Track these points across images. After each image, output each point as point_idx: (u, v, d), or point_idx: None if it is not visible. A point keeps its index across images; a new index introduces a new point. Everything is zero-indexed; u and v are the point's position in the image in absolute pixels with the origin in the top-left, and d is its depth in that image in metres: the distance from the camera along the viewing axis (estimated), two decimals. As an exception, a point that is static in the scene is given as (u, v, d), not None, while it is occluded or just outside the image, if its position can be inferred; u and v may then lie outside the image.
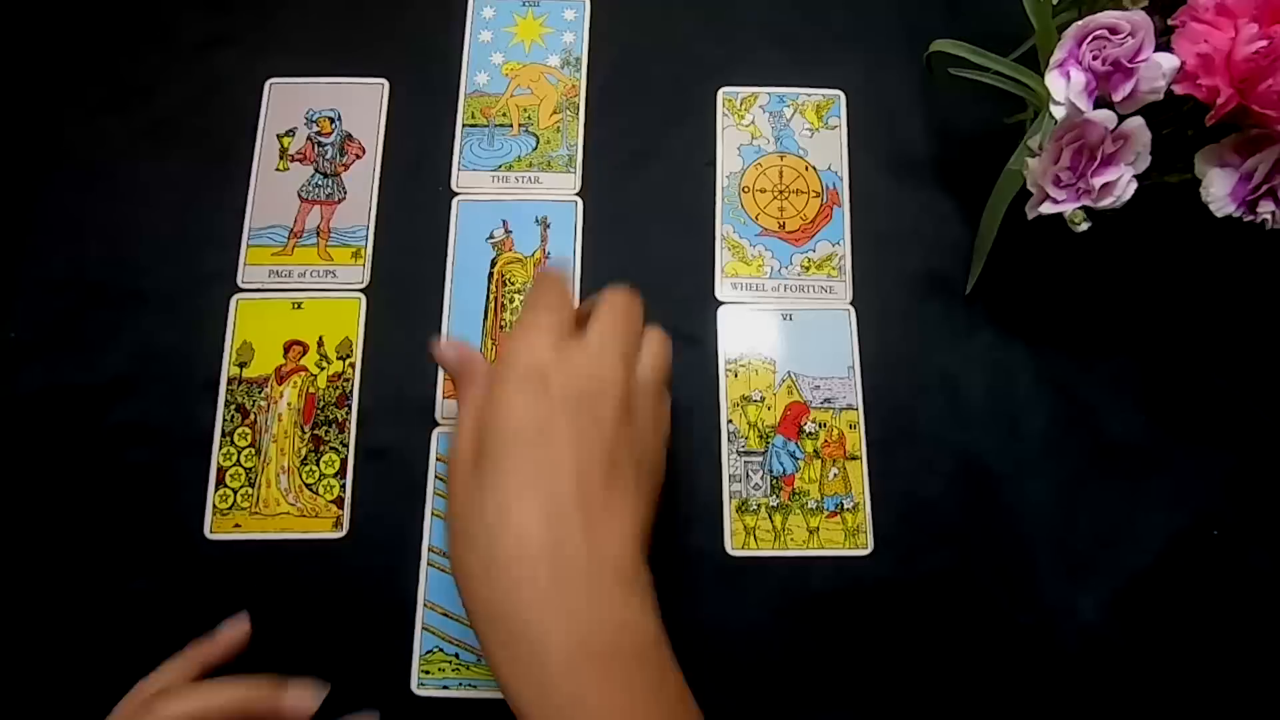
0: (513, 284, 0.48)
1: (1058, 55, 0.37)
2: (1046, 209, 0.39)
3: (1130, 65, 0.36)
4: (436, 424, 0.46)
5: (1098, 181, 0.38)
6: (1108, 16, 0.36)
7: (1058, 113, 0.37)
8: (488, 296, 0.48)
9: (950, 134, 0.50)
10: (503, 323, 0.47)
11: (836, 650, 0.43)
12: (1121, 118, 0.37)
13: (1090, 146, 0.37)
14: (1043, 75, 0.38)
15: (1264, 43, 0.34)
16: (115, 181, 0.50)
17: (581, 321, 0.38)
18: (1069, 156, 0.38)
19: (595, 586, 0.33)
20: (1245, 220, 0.38)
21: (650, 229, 0.49)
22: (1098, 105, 0.37)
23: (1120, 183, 0.38)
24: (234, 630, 0.42)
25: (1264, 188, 0.38)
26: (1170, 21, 0.37)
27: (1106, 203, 0.38)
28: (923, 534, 0.45)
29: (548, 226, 0.48)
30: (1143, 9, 0.37)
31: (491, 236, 0.48)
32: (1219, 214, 0.38)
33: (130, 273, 0.48)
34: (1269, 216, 0.38)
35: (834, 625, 0.44)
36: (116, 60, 0.52)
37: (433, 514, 0.45)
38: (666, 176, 0.50)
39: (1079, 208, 0.38)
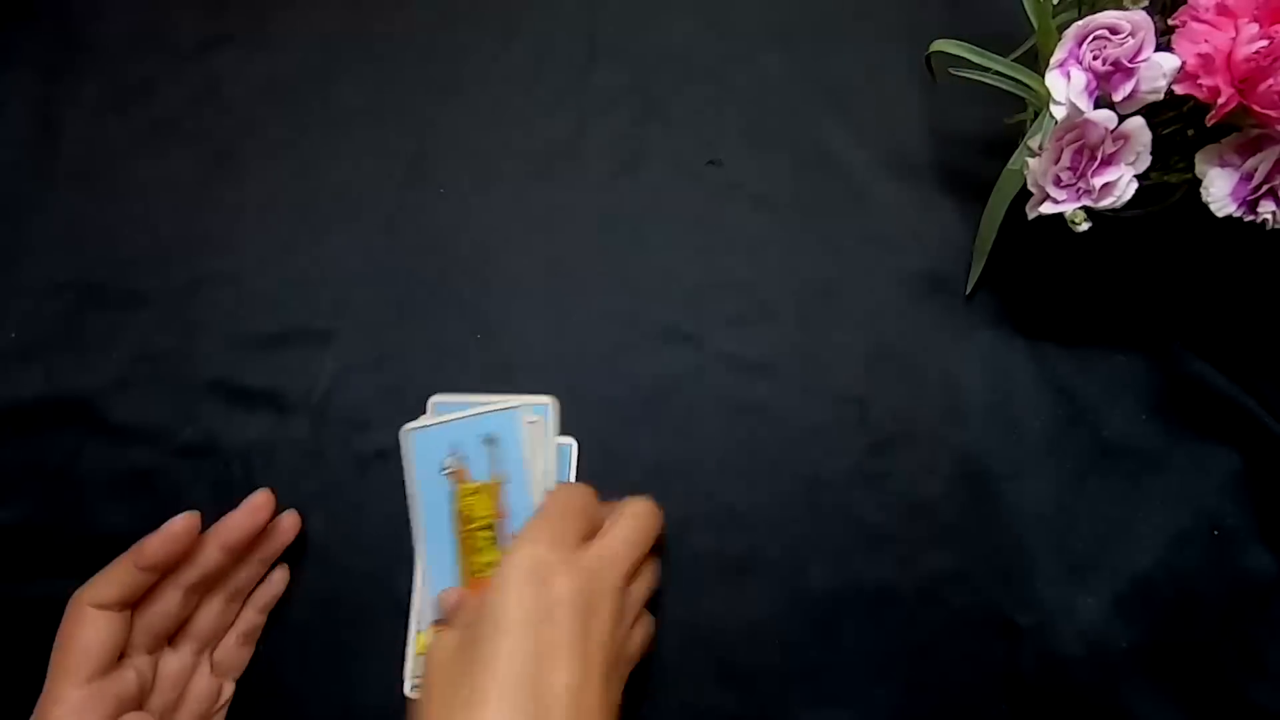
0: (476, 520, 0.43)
1: (1058, 55, 0.37)
2: (1046, 209, 0.39)
3: (1130, 65, 0.36)
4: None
5: (1098, 181, 0.37)
6: (1108, 16, 0.36)
7: (1058, 113, 0.37)
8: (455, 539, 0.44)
9: (950, 134, 0.50)
10: (475, 567, 0.43)
11: (836, 650, 0.43)
12: (1121, 118, 0.37)
13: (1090, 146, 0.37)
14: (1043, 75, 0.38)
15: (1264, 43, 0.34)
16: (115, 181, 0.50)
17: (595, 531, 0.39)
18: (1069, 156, 0.38)
19: None
20: (1245, 220, 0.38)
21: (650, 229, 0.49)
22: (1098, 105, 0.37)
23: (1120, 183, 0.38)
24: (178, 523, 0.40)
25: (1264, 188, 0.38)
26: (1170, 21, 0.37)
27: (1106, 203, 0.38)
28: (923, 534, 0.45)
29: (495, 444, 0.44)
30: (1143, 9, 0.37)
31: (445, 468, 0.44)
32: (1219, 214, 0.38)
33: (130, 273, 0.48)
34: (1269, 216, 0.38)
35: (834, 625, 0.44)
36: (116, 60, 0.52)
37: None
38: (666, 176, 0.50)
39: (1079, 208, 0.38)
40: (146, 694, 0.39)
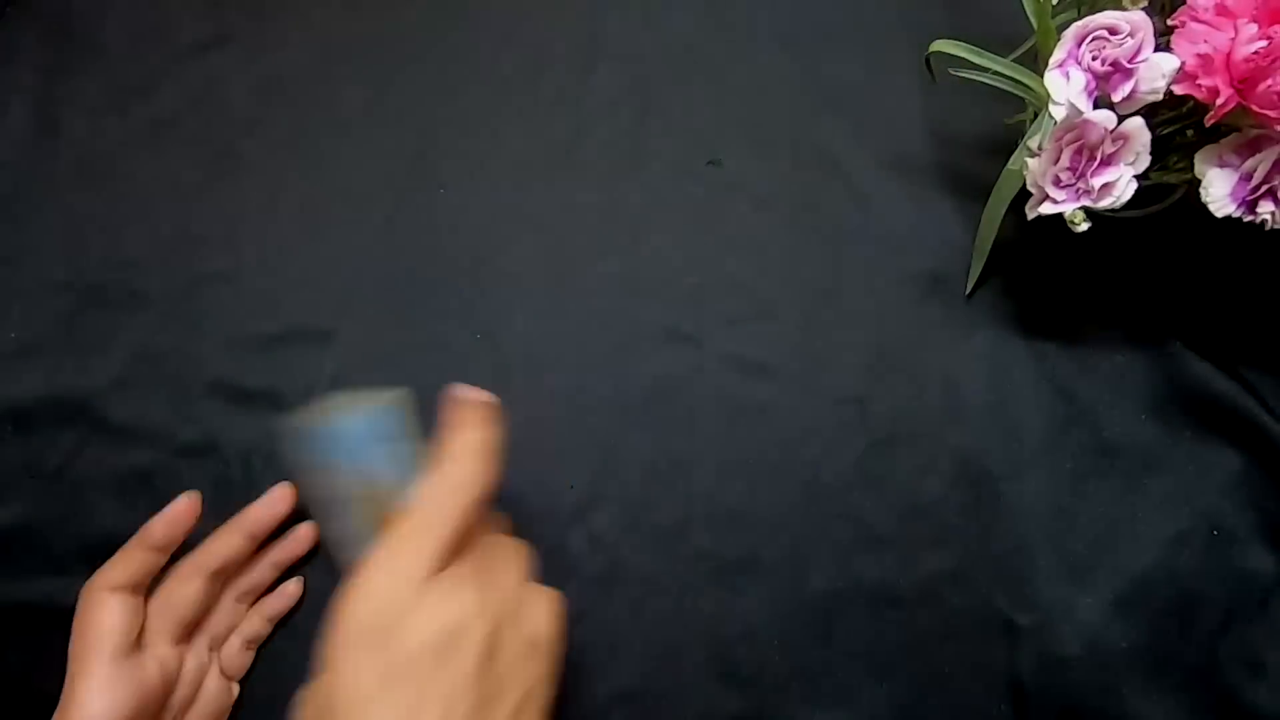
0: None
1: (1057, 55, 0.37)
2: (1046, 209, 0.39)
3: (1130, 65, 0.36)
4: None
5: (1098, 181, 0.38)
6: (1107, 17, 0.36)
7: (1058, 113, 0.37)
8: None
9: (950, 134, 0.50)
10: None
11: (836, 650, 0.43)
12: (1121, 118, 0.37)
13: (1090, 146, 0.38)
14: (1042, 75, 0.38)
15: (1264, 43, 0.34)
16: (115, 181, 0.50)
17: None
18: (1069, 156, 0.38)
19: None
20: (1245, 220, 0.38)
21: (650, 229, 0.49)
22: (1098, 105, 0.37)
23: (1120, 183, 0.38)
24: (181, 503, 0.40)
25: (1264, 188, 0.38)
26: (1170, 21, 0.37)
27: (1106, 203, 0.38)
28: (922, 534, 0.45)
29: None
30: (1142, 9, 0.37)
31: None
32: (1219, 214, 0.38)
33: (130, 273, 0.48)
34: (1269, 216, 0.38)
35: (834, 625, 0.44)
36: (116, 60, 0.52)
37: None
38: (666, 176, 0.50)
39: (1078, 208, 0.38)
40: (170, 686, 0.39)
